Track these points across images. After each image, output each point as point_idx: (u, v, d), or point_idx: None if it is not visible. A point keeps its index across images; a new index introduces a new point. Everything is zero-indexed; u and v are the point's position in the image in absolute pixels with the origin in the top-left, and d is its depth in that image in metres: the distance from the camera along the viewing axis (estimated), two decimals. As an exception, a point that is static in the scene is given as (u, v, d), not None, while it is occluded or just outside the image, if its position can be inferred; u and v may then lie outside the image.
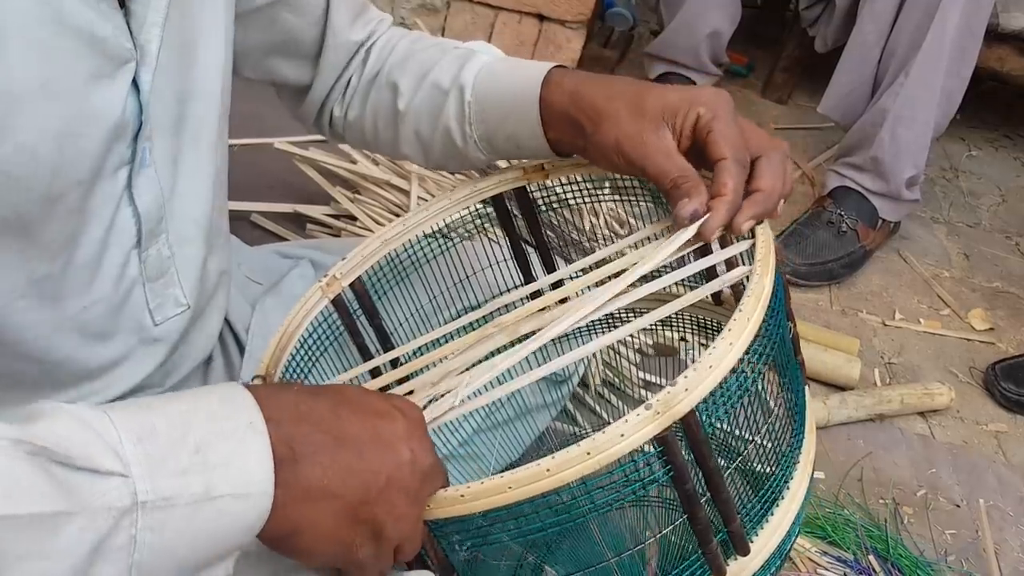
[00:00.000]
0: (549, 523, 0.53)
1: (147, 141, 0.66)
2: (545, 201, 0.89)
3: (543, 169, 0.84)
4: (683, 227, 0.66)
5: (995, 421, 1.66)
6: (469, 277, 0.93)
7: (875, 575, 1.29)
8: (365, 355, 0.86)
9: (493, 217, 0.90)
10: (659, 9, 2.32)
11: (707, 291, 0.63)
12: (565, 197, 0.88)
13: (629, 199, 0.84)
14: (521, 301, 0.78)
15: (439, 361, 0.74)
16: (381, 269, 0.86)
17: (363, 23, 0.90)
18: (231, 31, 0.76)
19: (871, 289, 1.96)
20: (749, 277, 0.59)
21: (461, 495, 0.52)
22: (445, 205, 0.86)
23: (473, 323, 0.81)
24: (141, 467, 0.41)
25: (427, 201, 0.88)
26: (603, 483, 0.52)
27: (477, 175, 0.88)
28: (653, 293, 0.65)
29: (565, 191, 0.87)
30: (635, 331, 0.63)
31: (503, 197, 0.87)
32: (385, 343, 0.87)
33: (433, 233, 0.89)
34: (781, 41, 2.64)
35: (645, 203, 0.83)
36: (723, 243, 0.67)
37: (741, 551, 0.60)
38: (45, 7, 0.54)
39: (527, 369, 0.63)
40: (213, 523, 0.43)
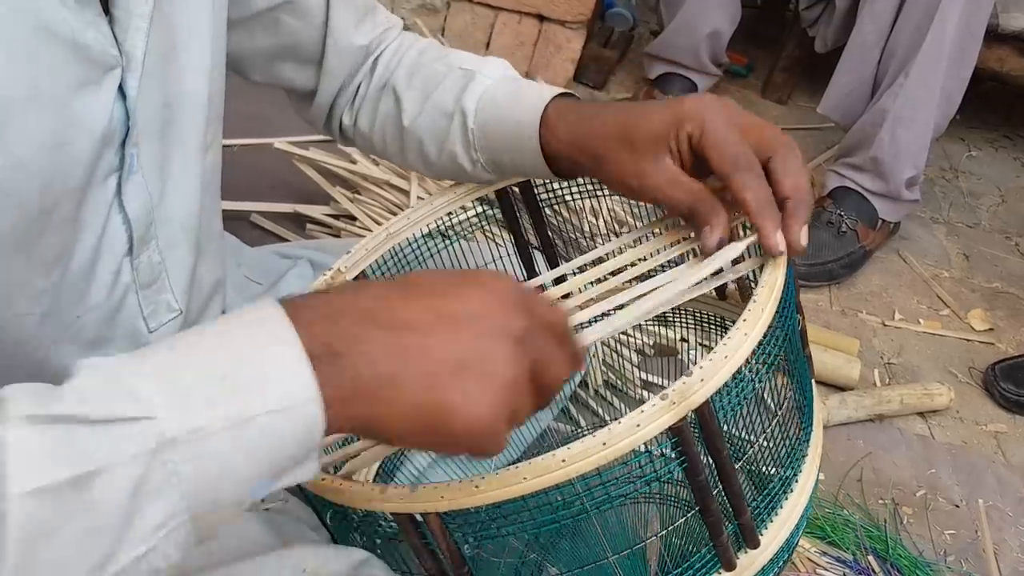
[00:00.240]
0: (561, 515, 0.53)
1: (134, 147, 0.66)
2: (548, 201, 0.89)
3: None
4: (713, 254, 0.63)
5: (995, 421, 1.67)
6: (472, 273, 0.92)
7: (874, 575, 1.29)
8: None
9: (493, 215, 0.90)
10: (659, 9, 2.32)
11: (715, 283, 0.63)
12: (565, 196, 0.88)
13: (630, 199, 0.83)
14: None
15: None
16: (385, 264, 0.86)
17: (369, 27, 0.90)
18: (221, 34, 0.75)
19: (871, 289, 1.96)
20: (761, 269, 0.59)
21: (476, 486, 0.51)
22: (450, 199, 0.86)
23: None
24: (165, 406, 0.41)
25: (430, 196, 0.87)
26: (617, 475, 0.52)
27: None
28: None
29: (566, 191, 0.87)
30: (642, 317, 0.61)
31: (508, 193, 0.87)
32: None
33: (433, 232, 0.89)
34: (781, 41, 2.65)
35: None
36: (730, 237, 0.67)
37: (751, 544, 0.60)
38: (28, 16, 0.54)
39: None
40: (261, 440, 0.43)
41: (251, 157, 1.85)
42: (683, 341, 1.43)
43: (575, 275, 0.74)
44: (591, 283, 0.71)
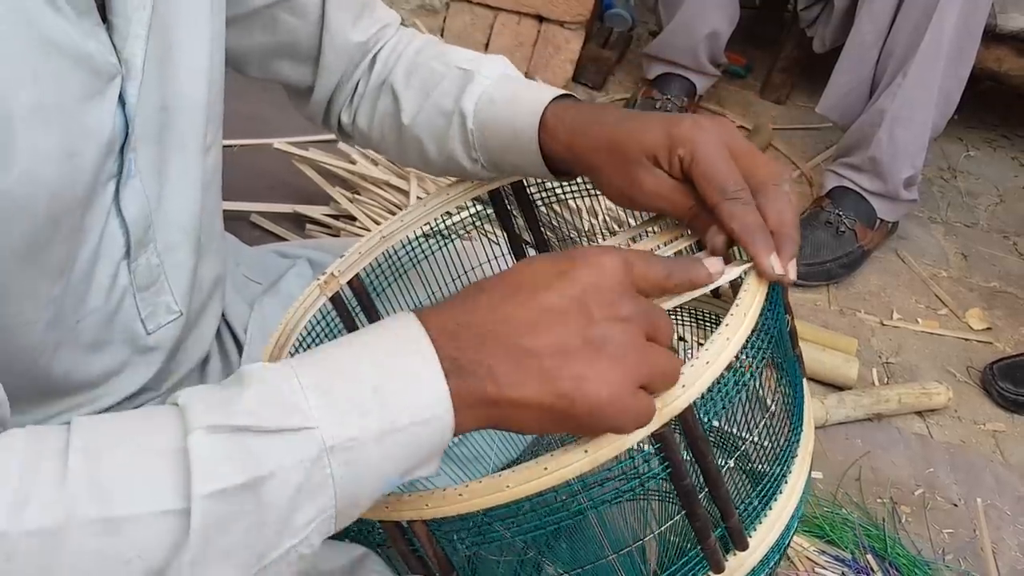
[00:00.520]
0: (548, 521, 0.53)
1: (132, 152, 0.66)
2: (544, 200, 0.89)
3: None
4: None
5: (993, 420, 1.67)
6: (467, 273, 0.93)
7: (873, 574, 1.29)
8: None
9: (489, 215, 0.90)
10: (658, 10, 2.32)
11: (711, 286, 0.63)
12: (563, 196, 0.88)
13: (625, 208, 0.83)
14: None
15: None
16: (379, 266, 0.86)
17: (367, 24, 0.89)
18: (219, 34, 0.75)
19: (869, 289, 1.97)
20: (747, 272, 0.59)
21: (460, 494, 0.51)
22: (443, 200, 0.86)
23: None
24: (326, 418, 0.46)
25: (424, 198, 0.87)
26: (601, 480, 0.52)
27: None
28: None
29: (563, 190, 0.87)
30: None
31: (500, 193, 0.87)
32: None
33: (429, 233, 0.89)
34: (779, 41, 2.65)
35: None
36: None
37: (740, 546, 0.60)
38: (29, 29, 0.54)
39: None
40: (403, 446, 0.48)
41: (250, 157, 1.86)
42: (681, 340, 1.43)
43: None
44: None
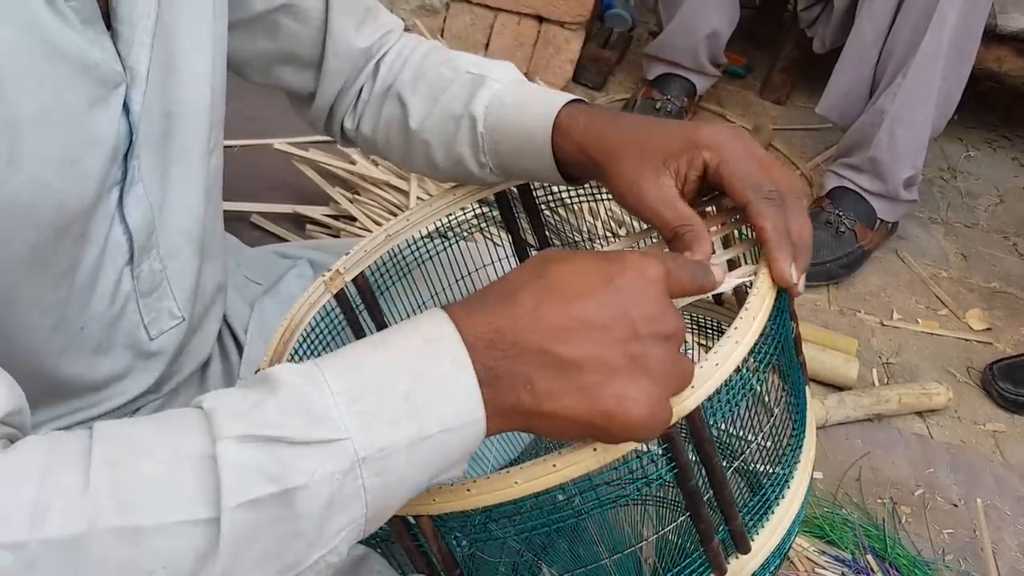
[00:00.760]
0: (552, 519, 0.53)
1: (136, 159, 0.67)
2: (545, 202, 0.89)
3: None
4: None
5: (993, 421, 1.67)
6: (471, 273, 0.93)
7: (873, 574, 1.29)
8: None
9: (492, 217, 0.90)
10: (658, 10, 2.32)
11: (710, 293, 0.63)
12: (564, 197, 0.88)
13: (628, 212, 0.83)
14: None
15: None
16: (384, 265, 0.86)
17: (370, 30, 0.89)
18: (222, 39, 0.75)
19: (869, 289, 1.97)
20: (755, 276, 0.59)
21: (467, 489, 0.51)
22: (449, 201, 0.86)
23: None
24: (357, 427, 0.45)
25: (430, 198, 0.87)
26: (608, 479, 0.52)
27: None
28: None
29: (569, 193, 0.87)
30: None
31: (506, 195, 0.87)
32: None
33: (432, 233, 0.89)
34: (779, 42, 2.65)
35: None
36: (726, 243, 0.67)
37: (742, 549, 0.60)
38: (35, 37, 0.54)
39: None
40: (433, 453, 0.47)
41: (251, 158, 1.86)
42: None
43: None
44: None
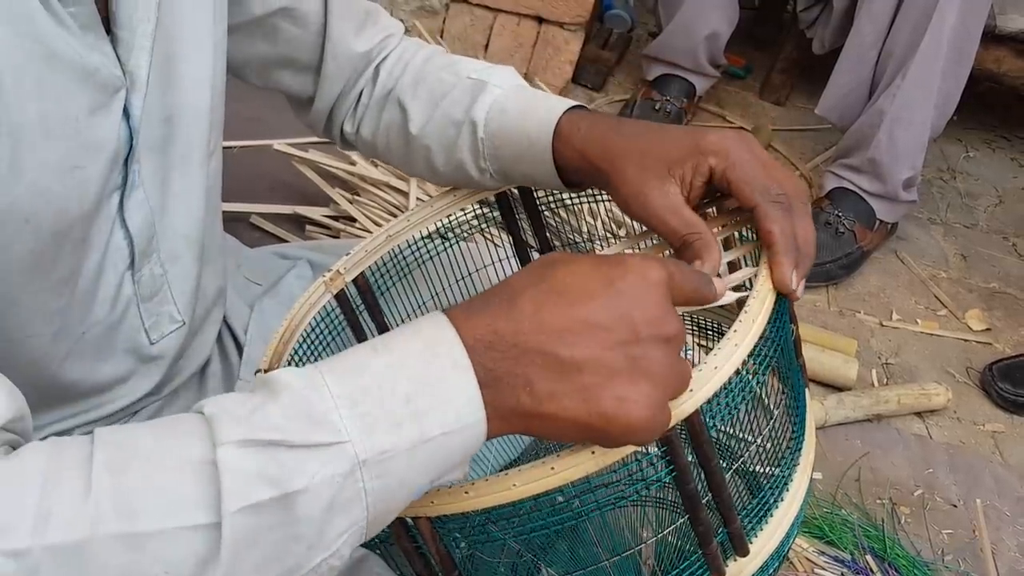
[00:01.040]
0: (551, 521, 0.53)
1: (136, 164, 0.67)
2: (545, 203, 0.89)
3: None
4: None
5: (992, 421, 1.67)
6: (472, 274, 0.93)
7: (872, 575, 1.30)
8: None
9: (493, 217, 0.90)
10: (657, 11, 2.32)
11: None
12: (564, 198, 0.88)
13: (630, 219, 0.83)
14: None
15: None
16: (384, 265, 0.86)
17: (370, 33, 0.89)
18: (222, 41, 0.75)
19: (868, 290, 1.97)
20: (754, 278, 0.59)
21: (466, 491, 0.51)
22: (450, 201, 0.86)
23: None
24: (357, 430, 0.45)
25: (431, 199, 0.88)
26: (606, 482, 0.52)
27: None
28: None
29: (565, 194, 0.87)
30: None
31: (507, 195, 0.87)
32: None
33: (432, 234, 0.89)
34: (779, 42, 2.65)
35: None
36: (727, 245, 0.67)
37: (741, 552, 0.60)
38: (35, 44, 0.54)
39: None
40: (433, 456, 0.47)
41: (250, 159, 1.86)
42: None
43: None
44: None
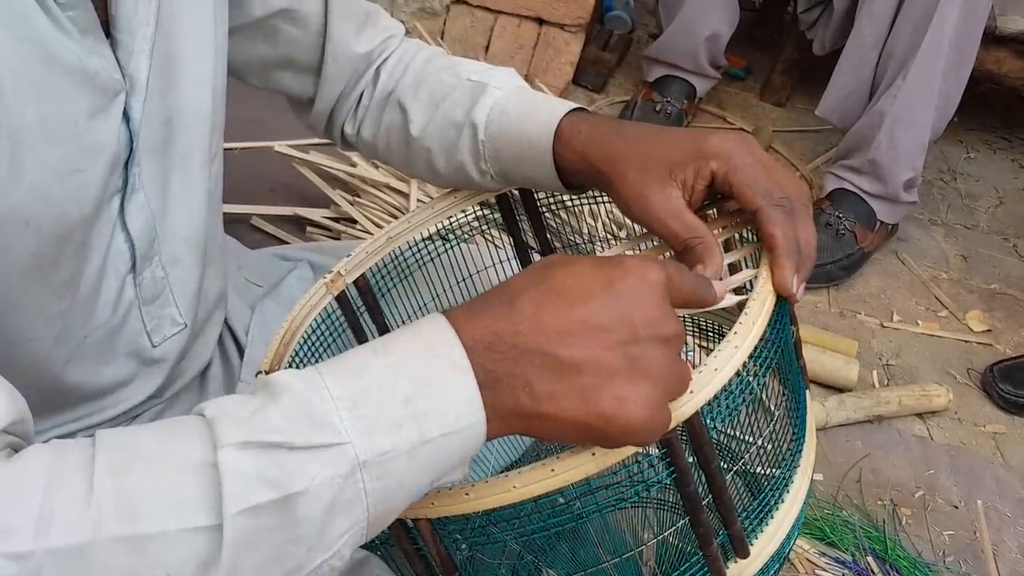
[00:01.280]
0: (551, 523, 0.53)
1: (136, 167, 0.67)
2: (546, 204, 0.89)
3: None
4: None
5: (993, 422, 1.67)
6: (473, 275, 0.93)
7: (873, 576, 1.30)
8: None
9: (493, 219, 0.90)
10: (658, 12, 2.32)
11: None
12: (564, 200, 0.88)
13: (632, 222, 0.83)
14: None
15: None
16: (385, 267, 0.86)
17: (370, 35, 0.89)
18: (222, 43, 0.75)
19: (869, 291, 1.97)
20: (755, 280, 0.59)
21: (466, 493, 0.51)
22: (450, 203, 0.86)
23: None
24: (357, 432, 0.45)
25: (431, 200, 0.88)
26: (606, 483, 0.52)
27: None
28: None
29: (570, 198, 0.87)
30: None
31: (508, 197, 0.88)
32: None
33: (433, 235, 0.89)
34: (779, 44, 2.65)
35: None
36: (727, 247, 0.67)
37: (741, 553, 0.60)
38: (33, 47, 0.54)
39: None
40: (433, 457, 0.47)
41: (251, 160, 1.86)
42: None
43: None
44: None
